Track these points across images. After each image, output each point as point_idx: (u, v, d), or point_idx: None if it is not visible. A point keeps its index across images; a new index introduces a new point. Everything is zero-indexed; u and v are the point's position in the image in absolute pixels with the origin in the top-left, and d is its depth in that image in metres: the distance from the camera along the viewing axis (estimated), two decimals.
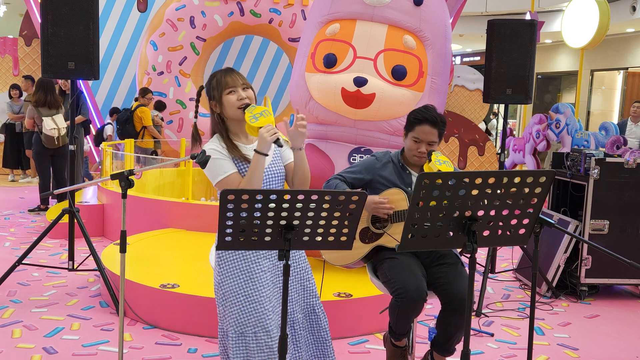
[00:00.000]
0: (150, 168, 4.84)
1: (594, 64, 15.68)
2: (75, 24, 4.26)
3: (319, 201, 2.03)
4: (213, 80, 2.50)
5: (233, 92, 2.45)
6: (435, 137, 2.94)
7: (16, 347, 3.53)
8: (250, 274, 2.41)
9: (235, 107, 2.44)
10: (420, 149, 2.94)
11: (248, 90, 2.48)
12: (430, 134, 2.92)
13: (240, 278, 2.41)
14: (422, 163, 2.99)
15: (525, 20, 4.87)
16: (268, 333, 2.37)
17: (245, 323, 2.38)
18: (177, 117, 8.99)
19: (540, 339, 3.98)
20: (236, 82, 2.46)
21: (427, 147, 2.94)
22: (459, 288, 2.76)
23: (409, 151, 2.99)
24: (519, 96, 4.66)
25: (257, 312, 2.38)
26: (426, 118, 2.93)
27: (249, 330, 2.37)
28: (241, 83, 2.47)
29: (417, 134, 2.94)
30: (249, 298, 2.39)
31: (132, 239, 5.09)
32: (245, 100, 2.45)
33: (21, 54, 10.95)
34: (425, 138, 2.93)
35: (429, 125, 2.92)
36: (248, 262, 2.43)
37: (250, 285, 2.40)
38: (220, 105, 2.48)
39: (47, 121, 6.78)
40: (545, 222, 2.37)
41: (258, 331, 2.37)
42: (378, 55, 4.26)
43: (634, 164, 4.73)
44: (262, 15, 8.98)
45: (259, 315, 2.38)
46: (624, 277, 4.85)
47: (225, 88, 2.45)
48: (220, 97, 2.47)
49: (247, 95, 2.46)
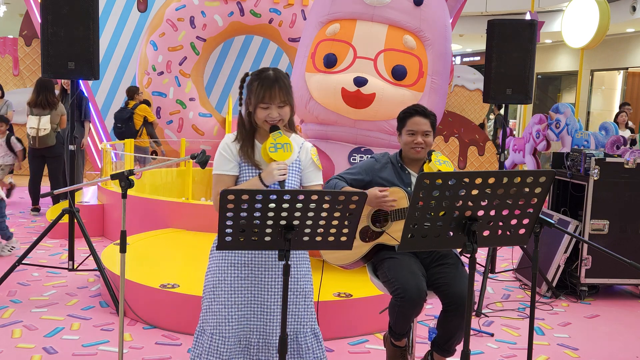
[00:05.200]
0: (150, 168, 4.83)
1: (594, 64, 15.68)
2: (75, 24, 4.26)
3: (319, 201, 2.03)
4: (254, 85, 2.38)
5: (267, 109, 2.38)
6: (428, 126, 2.99)
7: (16, 347, 3.53)
8: (226, 276, 2.42)
9: (263, 121, 2.39)
10: (416, 140, 2.98)
11: (284, 109, 2.39)
12: (422, 124, 2.98)
13: (216, 277, 2.44)
14: (421, 156, 3.01)
15: (525, 20, 4.88)
16: (223, 339, 2.38)
17: (207, 321, 2.43)
18: (177, 117, 8.98)
19: (540, 339, 3.98)
20: (273, 100, 2.36)
21: (422, 138, 2.98)
22: (459, 288, 2.76)
23: (406, 145, 3.02)
24: (519, 96, 4.66)
25: (220, 315, 2.39)
26: (415, 110, 3.02)
27: (208, 330, 2.42)
28: (279, 101, 2.37)
29: (410, 126, 3.00)
30: (217, 299, 2.41)
31: (132, 239, 5.09)
32: (273, 122, 2.38)
33: (21, 54, 10.95)
34: (418, 128, 2.98)
35: (419, 116, 3.00)
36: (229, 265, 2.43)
37: (222, 287, 2.42)
38: (253, 110, 2.41)
39: (31, 120, 6.79)
40: (545, 222, 2.37)
41: (215, 333, 2.40)
42: (378, 55, 4.26)
43: (634, 164, 4.73)
44: (262, 15, 8.98)
45: (220, 319, 2.39)
46: (624, 277, 4.85)
47: (262, 102, 2.37)
48: (255, 106, 2.39)
49: (280, 114, 2.38)
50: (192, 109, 9.04)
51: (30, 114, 6.81)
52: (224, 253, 2.44)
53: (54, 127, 6.90)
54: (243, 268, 2.43)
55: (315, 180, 2.51)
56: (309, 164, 2.50)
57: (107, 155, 6.96)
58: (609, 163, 4.73)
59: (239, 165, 2.44)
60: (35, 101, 6.80)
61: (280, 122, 2.40)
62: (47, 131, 6.82)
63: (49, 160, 7.00)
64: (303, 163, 2.50)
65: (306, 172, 2.51)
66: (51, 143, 6.87)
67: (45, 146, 6.85)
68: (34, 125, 6.77)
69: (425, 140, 2.98)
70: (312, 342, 2.48)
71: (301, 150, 2.50)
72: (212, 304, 2.42)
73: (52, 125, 6.86)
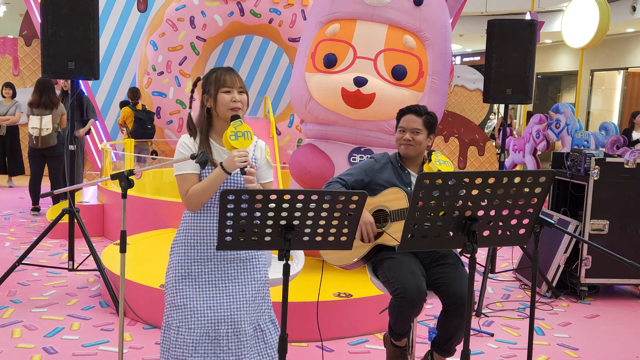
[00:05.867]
0: (150, 168, 4.83)
1: (594, 64, 15.68)
2: (75, 24, 4.26)
3: (319, 201, 2.04)
4: (212, 75, 2.51)
5: (229, 92, 2.47)
6: (418, 125, 3.01)
7: (16, 347, 3.53)
8: (190, 271, 2.46)
9: (227, 107, 2.46)
10: (404, 137, 3.02)
11: (243, 95, 2.50)
12: (412, 121, 3.02)
13: (178, 272, 2.47)
14: (410, 153, 3.04)
15: (525, 20, 4.87)
16: (189, 330, 2.41)
17: (172, 316, 2.45)
18: (177, 117, 8.98)
19: (540, 339, 3.98)
20: (234, 84, 2.48)
21: (411, 135, 3.01)
22: (459, 288, 2.77)
23: (396, 142, 3.08)
24: (519, 96, 4.66)
25: (186, 309, 2.42)
26: (409, 108, 3.07)
27: (174, 324, 2.44)
28: (239, 86, 2.49)
29: (401, 123, 3.06)
30: (181, 293, 2.44)
31: (132, 239, 5.09)
32: (237, 104, 2.46)
33: (21, 54, 10.94)
34: (408, 126, 3.02)
35: (411, 114, 3.04)
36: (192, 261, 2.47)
37: (185, 282, 2.45)
38: (214, 101, 2.49)
39: (32, 120, 6.78)
40: (545, 222, 2.37)
41: (181, 327, 2.42)
42: (378, 55, 4.26)
43: (634, 164, 4.73)
44: (262, 15, 8.98)
45: (185, 312, 2.42)
46: (624, 277, 4.85)
47: (223, 86, 2.47)
48: (215, 93, 2.48)
49: (240, 99, 2.48)
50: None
51: (32, 114, 6.80)
52: (186, 248, 2.49)
53: (55, 127, 6.90)
54: (207, 262, 2.47)
55: (268, 177, 2.60)
56: (263, 162, 2.59)
57: (107, 155, 6.96)
58: (609, 163, 4.73)
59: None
60: (38, 101, 6.80)
61: (241, 111, 2.48)
62: (50, 131, 6.82)
63: (50, 160, 7.00)
64: (259, 161, 2.57)
65: (260, 170, 2.58)
66: (53, 143, 6.87)
67: (48, 146, 6.86)
68: (36, 126, 6.77)
69: (414, 137, 3.00)
70: (272, 329, 2.56)
71: (256, 149, 2.58)
72: (175, 298, 2.45)
73: (54, 125, 6.86)
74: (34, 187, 7.15)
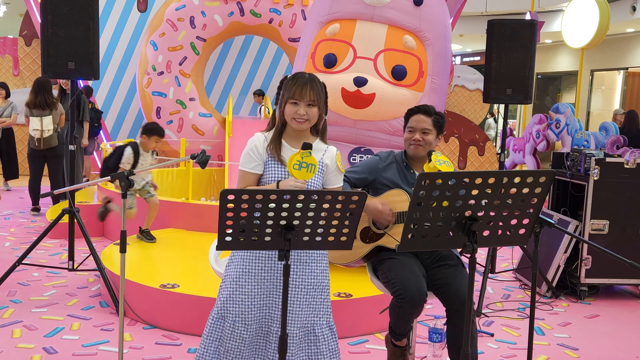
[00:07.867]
0: (150, 168, 4.84)
1: (594, 64, 15.68)
2: (75, 24, 4.26)
3: (319, 201, 2.04)
4: (289, 82, 2.52)
5: (296, 104, 2.47)
6: (428, 125, 3.00)
7: (16, 347, 3.53)
8: (251, 268, 2.48)
9: (290, 117, 2.48)
10: (414, 137, 3.00)
11: (312, 108, 2.48)
12: (422, 121, 3.00)
13: (240, 268, 2.48)
14: (419, 153, 3.02)
15: (525, 20, 4.87)
16: (245, 326, 2.45)
17: (229, 309, 2.47)
18: (177, 117, 8.98)
19: (540, 339, 3.98)
20: (303, 97, 2.46)
21: (421, 135, 2.99)
22: (460, 289, 2.76)
23: (405, 142, 3.06)
24: (519, 96, 4.66)
25: (244, 305, 2.45)
26: (419, 108, 3.05)
27: (230, 318, 2.46)
28: (307, 99, 2.47)
29: (411, 123, 3.04)
30: (241, 289, 2.46)
31: (132, 239, 5.09)
32: (301, 118, 2.46)
33: (21, 54, 10.95)
34: (417, 126, 3.00)
35: (421, 114, 3.02)
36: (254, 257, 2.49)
37: (246, 278, 2.47)
38: (284, 106, 2.51)
39: (33, 122, 6.77)
40: (545, 222, 2.37)
41: (237, 321, 2.45)
42: (378, 55, 4.26)
43: (634, 164, 4.73)
44: (262, 15, 8.98)
45: (243, 308, 2.45)
46: (624, 277, 4.85)
47: (291, 97, 2.47)
48: (285, 101, 2.50)
49: (307, 112, 2.47)
50: (192, 109, 9.04)
51: (31, 115, 6.79)
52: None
53: (55, 127, 6.90)
54: (267, 260, 2.48)
55: (336, 183, 2.61)
56: (333, 168, 2.59)
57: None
58: (609, 163, 4.73)
59: (265, 162, 2.51)
60: (34, 102, 6.78)
61: (307, 122, 2.48)
62: (51, 132, 6.83)
63: (50, 160, 7.00)
64: (329, 167, 2.57)
65: (330, 175, 2.59)
66: (54, 144, 6.87)
67: (49, 147, 6.85)
68: (38, 127, 6.76)
69: (424, 137, 2.99)
70: (328, 335, 2.55)
71: (325, 154, 2.57)
72: (234, 293, 2.47)
73: (53, 125, 6.86)
74: (34, 187, 7.15)
